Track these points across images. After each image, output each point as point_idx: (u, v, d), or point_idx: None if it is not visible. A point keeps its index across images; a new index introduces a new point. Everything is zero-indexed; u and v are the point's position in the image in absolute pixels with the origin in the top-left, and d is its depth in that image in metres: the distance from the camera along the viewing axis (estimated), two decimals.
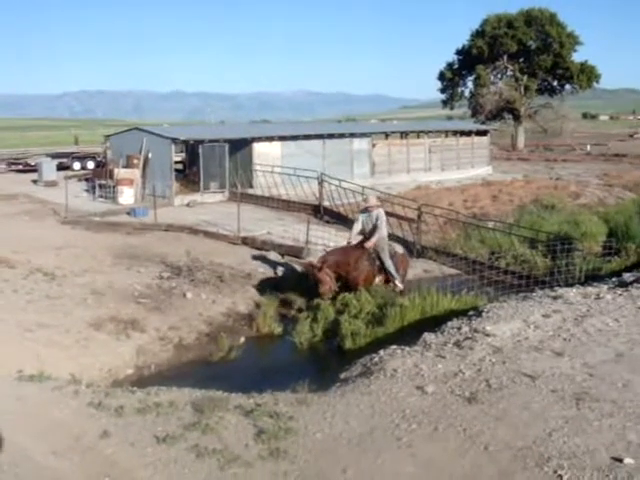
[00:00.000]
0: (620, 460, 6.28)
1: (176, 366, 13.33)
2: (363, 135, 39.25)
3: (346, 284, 15.32)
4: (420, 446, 6.82)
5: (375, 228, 15.66)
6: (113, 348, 13.16)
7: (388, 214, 23.52)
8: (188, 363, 13.59)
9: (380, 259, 15.71)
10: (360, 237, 16.01)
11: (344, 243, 16.64)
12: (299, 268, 18.32)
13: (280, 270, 18.97)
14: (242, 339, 14.75)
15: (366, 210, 16.11)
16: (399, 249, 16.80)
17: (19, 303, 14.16)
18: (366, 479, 6.25)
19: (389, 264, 15.79)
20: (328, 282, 14.92)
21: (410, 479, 6.23)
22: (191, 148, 35.87)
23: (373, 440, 7.02)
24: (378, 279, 15.80)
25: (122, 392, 9.03)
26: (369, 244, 15.54)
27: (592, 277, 16.15)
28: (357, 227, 16.13)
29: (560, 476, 6.09)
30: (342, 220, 26.01)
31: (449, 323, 11.36)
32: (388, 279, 15.95)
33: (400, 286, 15.87)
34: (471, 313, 11.83)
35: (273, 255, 20.44)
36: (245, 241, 21.98)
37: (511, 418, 7.31)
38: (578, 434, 6.85)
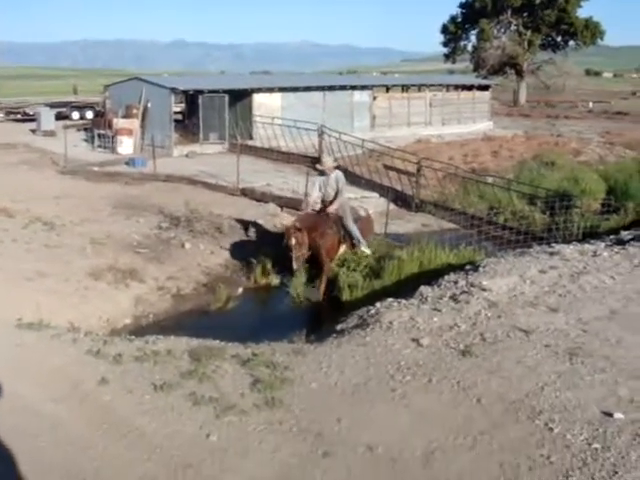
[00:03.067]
0: (610, 415, 6.35)
1: (174, 316, 13.42)
2: (364, 88, 39.00)
3: (312, 255, 14.06)
4: (414, 397, 6.91)
5: (337, 192, 14.43)
6: (112, 297, 13.23)
7: (387, 167, 23.55)
8: (186, 313, 13.69)
9: (343, 225, 14.45)
10: (319, 202, 14.65)
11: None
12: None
13: (278, 222, 18.98)
14: (240, 290, 14.84)
15: (323, 173, 14.67)
16: (362, 212, 15.69)
17: (18, 252, 14.18)
18: (360, 428, 6.34)
19: (354, 229, 14.55)
20: (305, 246, 13.56)
21: (404, 429, 6.32)
22: (190, 98, 35.60)
23: (368, 390, 7.11)
24: (343, 248, 14.65)
25: (120, 340, 9.14)
26: (331, 209, 14.29)
27: (590, 235, 16.17)
28: (315, 192, 14.67)
29: (551, 429, 6.17)
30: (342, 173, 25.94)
31: (446, 277, 11.39)
32: (354, 245, 14.78)
33: (367, 251, 14.87)
34: (468, 267, 11.86)
35: (272, 207, 20.46)
36: (244, 192, 22.02)
37: (504, 372, 7.38)
38: (570, 389, 6.92)
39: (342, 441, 6.13)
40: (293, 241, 13.37)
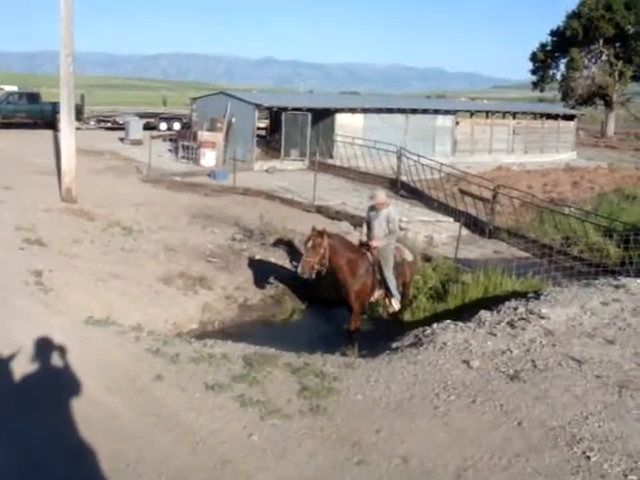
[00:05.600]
0: None
1: (239, 324, 13.82)
2: (447, 112, 38.99)
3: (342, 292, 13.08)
4: (455, 416, 7.03)
5: (389, 232, 12.96)
6: (180, 302, 13.70)
7: (463, 193, 23.56)
8: (251, 323, 14.06)
9: (381, 270, 13.03)
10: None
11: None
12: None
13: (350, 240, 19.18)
14: (306, 303, 15.10)
15: (373, 208, 13.21)
16: (408, 256, 13.96)
17: (95, 254, 14.77)
18: (397, 441, 6.50)
19: (390, 278, 13.08)
20: (317, 256, 12.26)
21: (440, 445, 6.46)
22: (275, 115, 36.33)
23: (411, 406, 7.27)
24: (377, 294, 13.29)
25: (180, 342, 9.52)
26: (375, 243, 12.86)
27: None
28: (364, 228, 13.52)
29: (588, 457, 6.21)
30: (418, 195, 26.13)
31: (506, 303, 11.44)
32: (387, 295, 13.42)
33: (396, 307, 13.51)
34: (530, 295, 11.88)
35: (345, 225, 20.68)
36: (319, 210, 22.33)
37: (550, 399, 7.43)
38: (615, 420, 6.93)
39: (378, 451, 6.30)
40: (309, 243, 12.41)
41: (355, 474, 5.93)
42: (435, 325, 10.47)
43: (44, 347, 8.04)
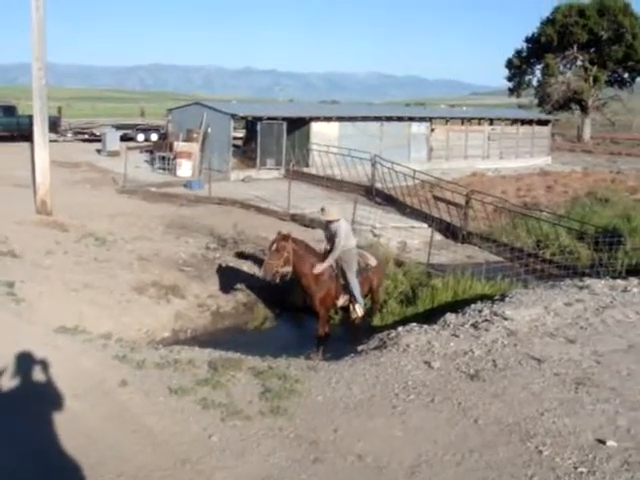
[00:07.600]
0: (603, 442, 6.54)
1: (211, 332, 13.94)
2: (422, 119, 39.27)
3: (303, 296, 13.34)
4: (413, 414, 7.21)
5: (333, 245, 12.79)
6: (153, 311, 13.81)
7: (437, 199, 23.78)
8: (223, 330, 14.20)
9: (345, 276, 12.91)
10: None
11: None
12: None
13: (323, 247, 19.33)
14: (277, 310, 15.24)
15: (327, 225, 13.27)
16: (372, 261, 13.77)
17: (68, 264, 14.83)
18: (354, 439, 6.67)
19: (354, 283, 12.92)
20: (281, 259, 12.21)
21: (396, 442, 6.63)
22: (250, 125, 36.49)
23: (370, 406, 7.45)
24: (343, 299, 13.18)
25: (146, 348, 9.68)
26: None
27: (634, 272, 16.09)
28: (325, 243, 13.53)
29: (540, 452, 6.40)
30: (392, 202, 26.34)
31: (472, 305, 11.65)
32: (351, 300, 13.26)
33: (360, 313, 13.28)
34: (496, 298, 12.09)
35: (319, 233, 20.83)
36: (294, 218, 22.49)
37: (508, 396, 7.63)
38: (569, 415, 7.13)
39: (335, 449, 6.47)
40: (273, 247, 12.36)
41: (311, 472, 6.08)
42: (400, 328, 10.65)
43: (14, 355, 8.12)
